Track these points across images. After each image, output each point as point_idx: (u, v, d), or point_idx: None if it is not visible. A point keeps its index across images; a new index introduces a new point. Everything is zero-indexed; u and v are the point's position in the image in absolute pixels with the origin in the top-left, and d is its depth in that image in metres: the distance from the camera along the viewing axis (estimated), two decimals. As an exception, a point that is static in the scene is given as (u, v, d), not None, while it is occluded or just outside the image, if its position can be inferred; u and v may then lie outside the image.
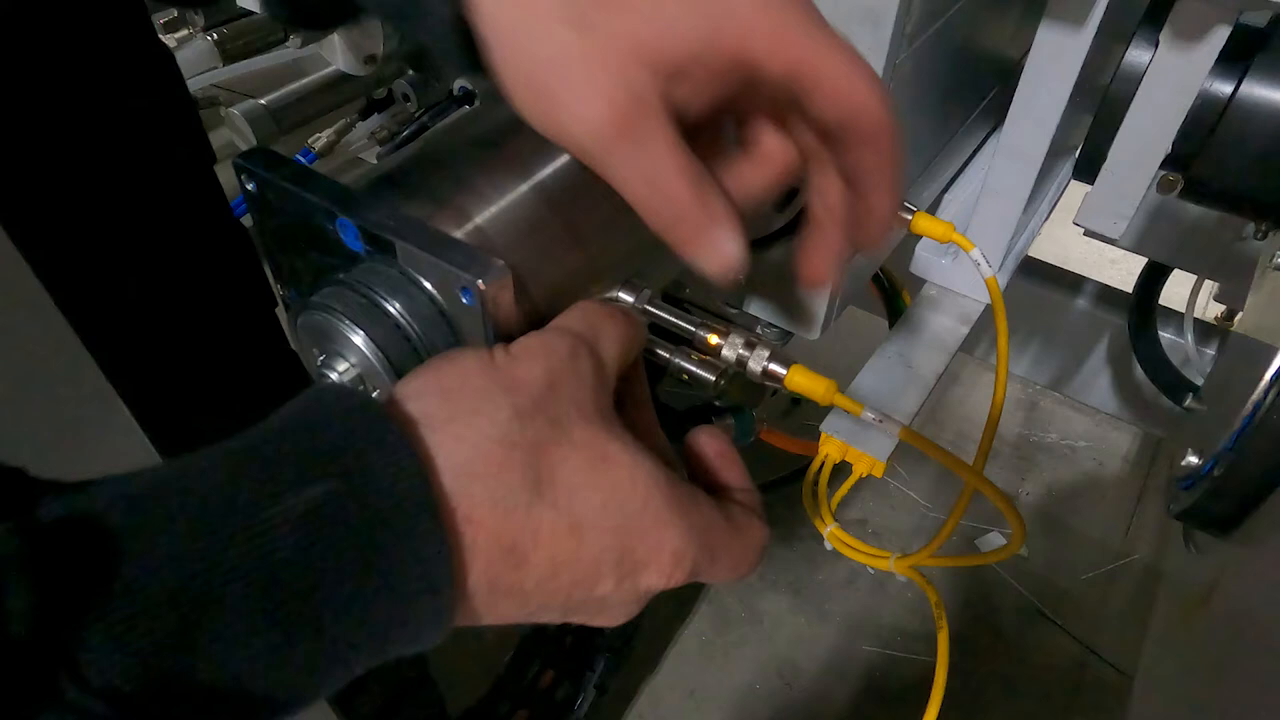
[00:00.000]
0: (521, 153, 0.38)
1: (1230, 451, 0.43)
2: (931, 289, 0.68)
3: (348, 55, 0.76)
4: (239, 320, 0.43)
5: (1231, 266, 0.93)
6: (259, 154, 0.35)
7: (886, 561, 0.55)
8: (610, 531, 0.28)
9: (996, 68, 0.69)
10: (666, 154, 0.31)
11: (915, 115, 0.57)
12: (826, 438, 0.54)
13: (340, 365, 0.34)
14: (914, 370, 0.59)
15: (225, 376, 0.43)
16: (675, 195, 0.31)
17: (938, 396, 1.64)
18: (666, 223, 0.32)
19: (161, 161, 0.36)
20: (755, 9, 0.30)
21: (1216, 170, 0.52)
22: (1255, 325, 0.52)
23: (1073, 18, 0.54)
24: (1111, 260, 1.84)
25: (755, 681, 1.29)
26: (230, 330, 0.43)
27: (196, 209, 0.39)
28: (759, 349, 0.37)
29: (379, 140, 0.94)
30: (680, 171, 0.31)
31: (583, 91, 0.30)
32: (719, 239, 0.32)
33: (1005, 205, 0.63)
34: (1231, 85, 0.50)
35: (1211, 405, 0.55)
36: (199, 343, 0.42)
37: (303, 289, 0.38)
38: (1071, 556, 1.43)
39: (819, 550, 1.42)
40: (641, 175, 0.31)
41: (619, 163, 0.31)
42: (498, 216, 0.36)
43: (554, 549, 0.27)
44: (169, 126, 0.35)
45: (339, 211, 0.33)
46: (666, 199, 0.31)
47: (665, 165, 0.31)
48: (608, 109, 0.30)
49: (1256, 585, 0.42)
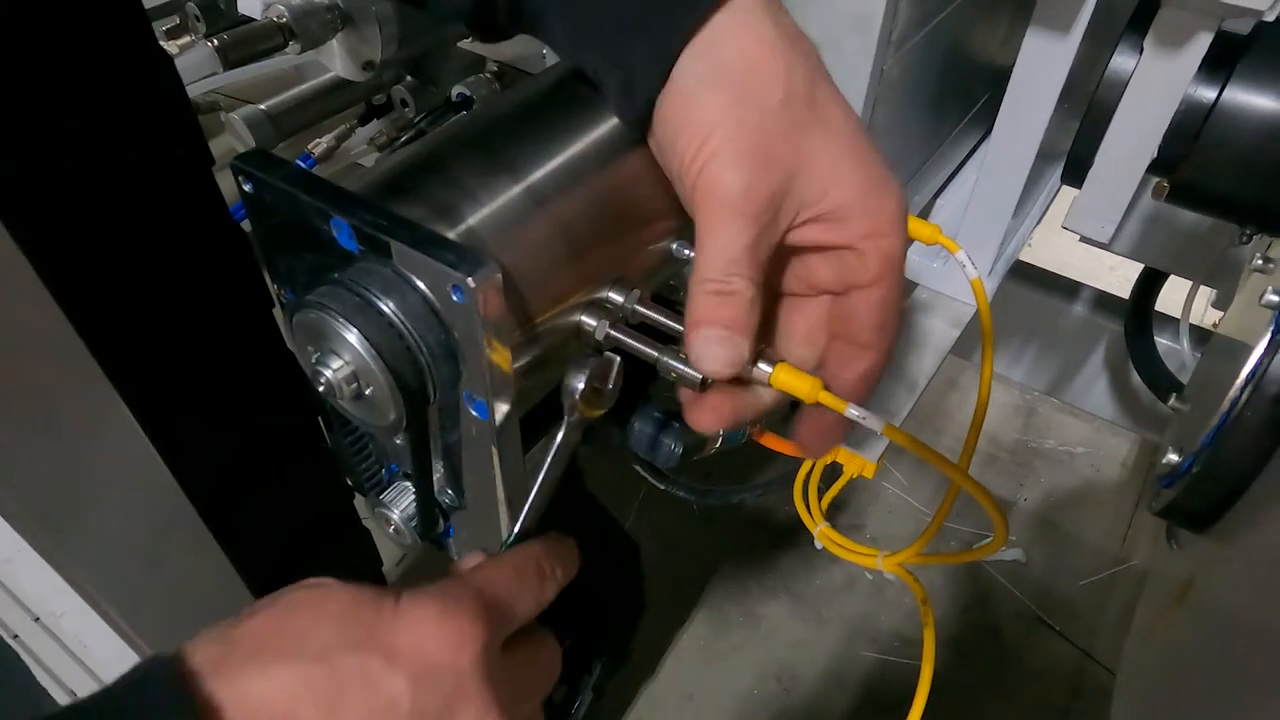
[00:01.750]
0: (513, 155, 0.39)
1: (1207, 449, 0.43)
2: (923, 292, 0.69)
3: (347, 61, 0.77)
4: (237, 322, 0.44)
5: (1225, 272, 0.93)
6: (255, 156, 0.35)
7: (875, 560, 0.56)
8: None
9: (986, 74, 0.70)
10: (758, 250, 0.34)
11: (903, 120, 0.57)
12: (817, 438, 0.55)
13: (334, 363, 0.35)
14: (904, 372, 0.60)
15: (223, 377, 0.44)
16: (731, 276, 0.33)
17: (935, 403, 1.65)
18: (701, 293, 0.34)
19: (160, 165, 0.36)
20: (896, 217, 0.35)
21: (1201, 174, 0.53)
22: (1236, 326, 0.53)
23: (1059, 25, 0.54)
24: (1110, 267, 1.85)
25: (753, 686, 1.29)
26: (228, 331, 0.44)
27: (195, 212, 0.40)
28: (747, 347, 0.38)
29: (378, 146, 0.95)
30: (750, 265, 0.33)
31: (743, 176, 0.32)
32: (718, 346, 0.34)
33: (995, 209, 0.64)
34: (1215, 91, 0.51)
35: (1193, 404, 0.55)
36: (198, 343, 0.42)
37: (298, 288, 0.39)
38: (1069, 562, 1.43)
39: (816, 555, 1.42)
40: (732, 239, 0.33)
41: (728, 219, 0.33)
42: (489, 217, 0.37)
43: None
44: (168, 130, 0.36)
45: (334, 211, 0.33)
46: (724, 272, 0.33)
47: (750, 248, 0.33)
48: (749, 192, 0.33)
49: (1231, 579, 0.42)
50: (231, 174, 0.36)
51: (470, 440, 0.38)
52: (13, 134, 0.32)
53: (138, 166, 0.36)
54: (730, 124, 0.33)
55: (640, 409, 0.54)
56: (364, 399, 0.36)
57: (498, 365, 0.34)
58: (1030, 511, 1.51)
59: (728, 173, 0.33)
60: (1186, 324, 1.02)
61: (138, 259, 0.38)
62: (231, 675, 0.27)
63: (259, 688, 0.28)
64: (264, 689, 0.28)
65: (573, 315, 0.40)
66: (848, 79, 0.48)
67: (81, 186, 0.35)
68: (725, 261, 0.33)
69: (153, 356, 0.40)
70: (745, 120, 0.33)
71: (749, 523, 1.47)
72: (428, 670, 0.30)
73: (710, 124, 0.33)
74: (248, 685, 0.27)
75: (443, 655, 0.30)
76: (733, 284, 0.33)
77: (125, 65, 0.34)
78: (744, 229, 0.33)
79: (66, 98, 0.33)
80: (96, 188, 0.35)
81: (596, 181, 0.40)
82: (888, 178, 0.35)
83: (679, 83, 0.34)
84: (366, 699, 0.29)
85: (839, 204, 0.34)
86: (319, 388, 0.35)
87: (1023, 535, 1.47)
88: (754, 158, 0.33)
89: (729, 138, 0.33)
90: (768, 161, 0.33)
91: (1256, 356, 0.42)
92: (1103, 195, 0.57)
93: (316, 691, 0.28)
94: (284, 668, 0.28)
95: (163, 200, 0.38)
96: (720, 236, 0.33)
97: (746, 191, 0.33)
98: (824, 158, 0.34)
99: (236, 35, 0.71)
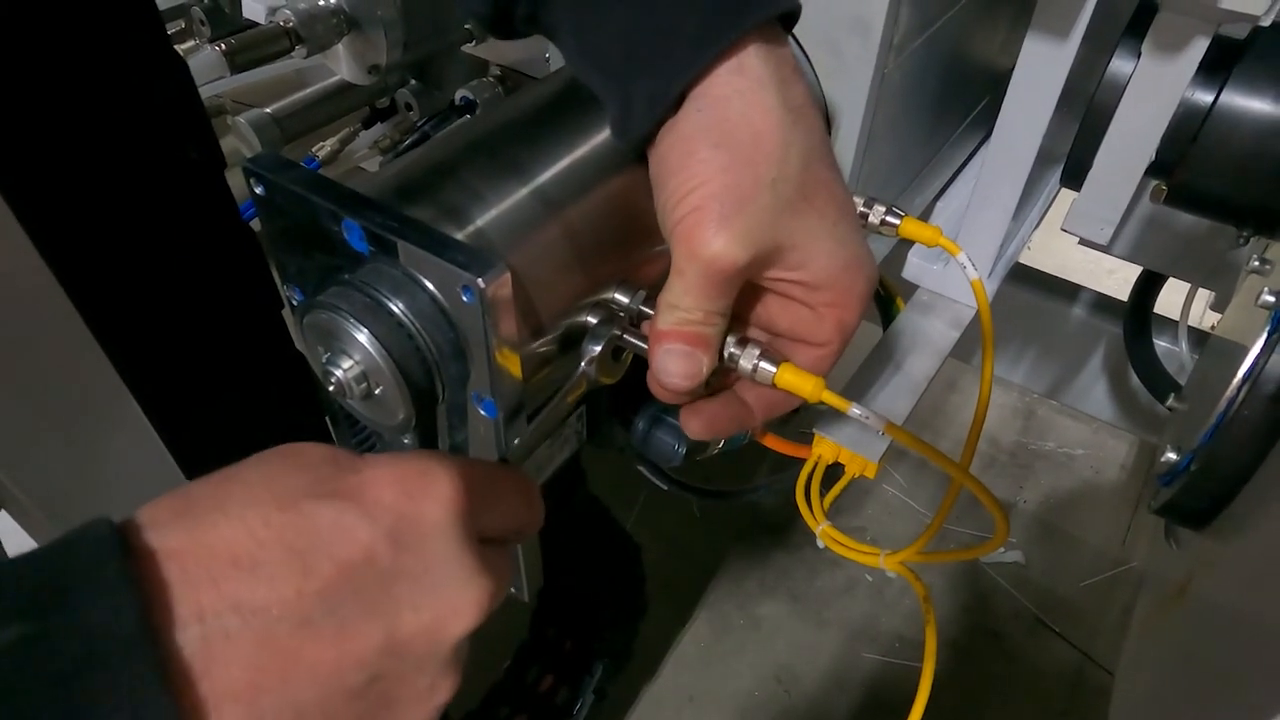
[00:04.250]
0: (521, 158, 0.39)
1: (1205, 447, 0.44)
2: (924, 294, 0.69)
3: (352, 65, 0.77)
4: (247, 322, 0.45)
5: (1224, 275, 0.94)
6: (268, 158, 0.36)
7: (877, 558, 0.56)
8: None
9: (986, 78, 0.71)
10: (725, 305, 0.36)
11: (904, 123, 0.58)
12: (819, 438, 0.55)
13: (344, 363, 0.35)
14: (905, 373, 0.60)
15: (233, 374, 0.44)
16: (695, 333, 0.36)
17: (936, 405, 1.65)
18: (668, 315, 0.36)
19: (174, 167, 0.37)
20: (866, 291, 0.38)
21: (1199, 177, 0.54)
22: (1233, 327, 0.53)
23: (1058, 29, 0.55)
24: (1109, 270, 1.85)
25: (754, 688, 1.29)
26: (239, 332, 0.44)
27: (207, 214, 0.41)
28: (750, 347, 0.38)
29: (381, 149, 0.95)
30: (717, 319, 0.36)
31: (734, 249, 0.34)
32: (684, 364, 0.36)
33: (994, 212, 0.65)
34: (1212, 95, 0.51)
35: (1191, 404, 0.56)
36: (210, 344, 0.43)
37: (308, 289, 0.39)
38: (1069, 564, 1.43)
39: (817, 557, 1.43)
40: (704, 302, 0.35)
41: (707, 286, 0.35)
42: (498, 219, 0.37)
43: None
44: (181, 133, 0.36)
45: (345, 213, 0.34)
46: (690, 326, 0.36)
47: (719, 312, 0.36)
48: (735, 262, 0.34)
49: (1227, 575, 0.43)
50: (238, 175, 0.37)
51: (477, 439, 0.38)
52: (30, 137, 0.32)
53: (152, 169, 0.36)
54: (722, 185, 0.34)
55: (644, 409, 0.55)
56: (373, 398, 0.36)
57: (505, 365, 0.35)
58: (1030, 513, 1.51)
59: (708, 232, 0.34)
60: (1185, 326, 1.03)
61: (152, 260, 0.39)
62: (190, 525, 0.24)
63: (219, 532, 0.24)
64: (225, 533, 0.24)
65: (578, 316, 0.40)
66: (848, 83, 0.48)
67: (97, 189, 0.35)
68: (692, 301, 0.35)
69: (165, 357, 0.41)
70: (737, 188, 0.34)
71: (750, 525, 1.48)
72: (409, 525, 0.27)
73: (704, 177, 0.34)
74: (207, 532, 0.24)
75: (426, 511, 0.28)
76: (695, 316, 0.36)
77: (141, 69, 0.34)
78: (712, 286, 0.35)
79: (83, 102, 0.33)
80: (112, 190, 0.36)
81: (603, 185, 0.41)
82: (863, 259, 0.38)
83: (682, 126, 0.35)
84: (342, 549, 0.26)
85: (813, 277, 0.37)
86: (329, 387, 0.36)
87: (1023, 537, 1.47)
88: (734, 226, 0.34)
89: (716, 197, 0.34)
90: (746, 234, 0.34)
91: (1253, 356, 0.42)
92: (1101, 197, 0.58)
93: (286, 538, 0.25)
94: (250, 510, 0.25)
95: (176, 202, 0.38)
96: (690, 281, 0.35)
97: (720, 256, 0.34)
98: (805, 238, 0.36)
99: (244, 39, 0.71)
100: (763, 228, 0.34)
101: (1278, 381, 0.40)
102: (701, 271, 0.34)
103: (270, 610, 0.24)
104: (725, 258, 0.34)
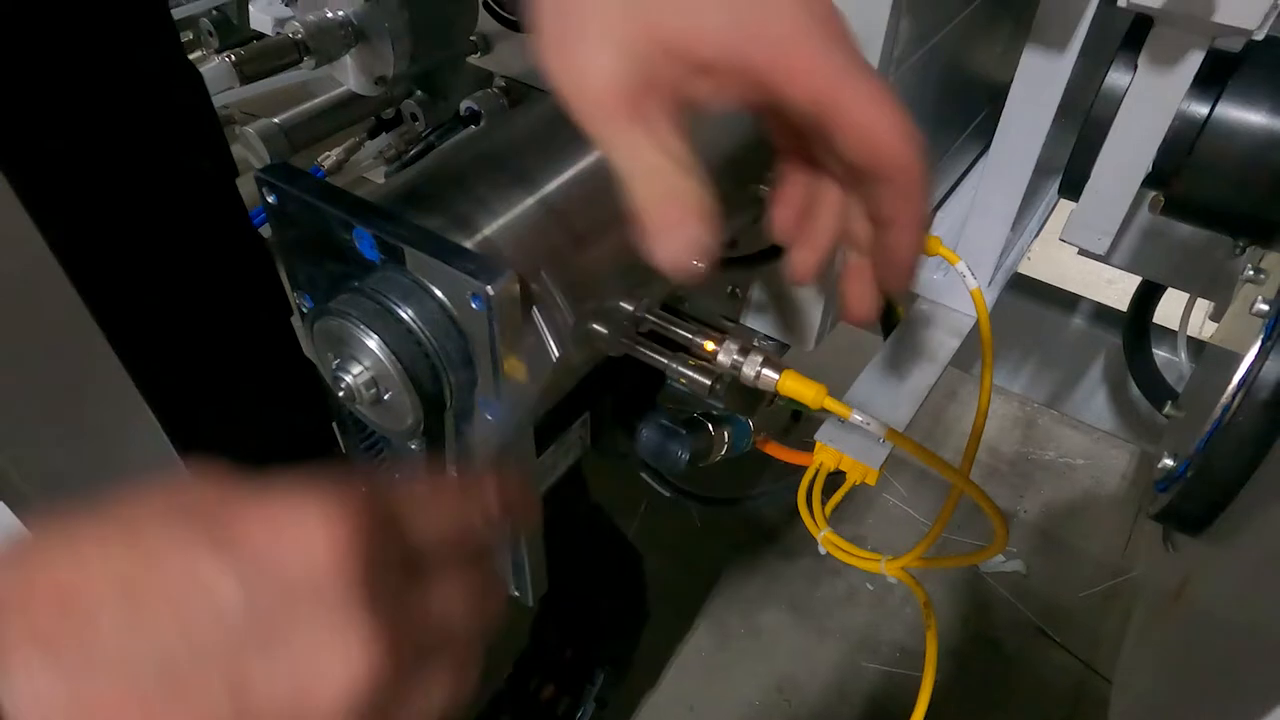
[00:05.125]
0: (528, 168, 0.40)
1: (1201, 454, 0.45)
2: (924, 303, 0.70)
3: (359, 76, 0.78)
4: (258, 328, 0.45)
5: (1223, 285, 0.94)
6: (280, 168, 0.37)
7: (878, 564, 0.57)
8: None
9: (984, 90, 0.72)
10: (660, 138, 0.30)
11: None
12: (821, 446, 0.56)
13: (354, 368, 0.36)
14: (906, 381, 0.61)
15: (243, 382, 0.45)
16: (658, 179, 0.31)
17: (935, 414, 1.66)
18: (641, 204, 0.31)
19: (190, 175, 0.38)
20: (792, 34, 0.30)
21: (1195, 187, 0.54)
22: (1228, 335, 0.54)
23: (1056, 42, 0.56)
24: (1108, 280, 1.86)
25: (755, 697, 1.29)
26: (249, 338, 0.45)
27: (220, 224, 0.41)
28: (753, 355, 0.39)
29: (386, 159, 0.96)
30: (668, 157, 0.31)
31: (600, 59, 0.30)
32: (679, 239, 0.31)
33: (993, 222, 0.65)
34: (1207, 107, 0.52)
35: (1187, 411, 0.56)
36: (221, 349, 0.43)
37: (319, 296, 0.40)
38: (1070, 573, 1.44)
39: (818, 566, 1.43)
40: (632, 151, 0.31)
41: (613, 133, 0.30)
42: (505, 228, 0.38)
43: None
44: (198, 143, 0.37)
45: (356, 222, 0.35)
46: (648, 181, 0.31)
47: (655, 148, 0.30)
48: (614, 80, 0.30)
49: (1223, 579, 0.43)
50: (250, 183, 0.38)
51: (484, 445, 0.39)
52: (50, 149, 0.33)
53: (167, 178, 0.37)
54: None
55: (648, 417, 0.55)
56: (383, 404, 0.37)
57: (512, 372, 0.35)
58: (1030, 523, 1.51)
59: (572, 57, 0.30)
60: (1185, 336, 1.03)
61: (164, 269, 0.39)
62: (28, 561, 0.22)
63: (53, 573, 0.22)
64: (61, 575, 0.22)
65: (584, 323, 0.41)
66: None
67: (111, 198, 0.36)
68: (632, 163, 0.31)
69: (176, 361, 0.41)
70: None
71: (751, 534, 1.48)
72: (268, 569, 0.23)
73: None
74: (38, 572, 0.22)
75: (291, 552, 0.23)
76: (647, 180, 0.31)
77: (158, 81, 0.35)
78: (623, 122, 0.30)
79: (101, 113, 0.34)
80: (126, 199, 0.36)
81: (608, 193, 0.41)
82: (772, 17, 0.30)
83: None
84: (187, 603, 0.22)
85: (711, 38, 0.30)
86: (339, 393, 0.36)
87: (1023, 547, 1.47)
88: (589, 35, 0.30)
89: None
90: (602, 35, 0.30)
91: (1247, 363, 0.43)
92: (1099, 208, 0.58)
93: (127, 587, 0.22)
94: (96, 552, 0.22)
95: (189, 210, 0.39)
96: (601, 134, 0.31)
97: (593, 78, 0.30)
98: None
99: (253, 50, 0.72)
100: (612, 20, 0.30)
101: (1272, 387, 0.41)
102: (590, 114, 0.30)
103: (94, 666, 0.21)
104: (599, 77, 0.30)
